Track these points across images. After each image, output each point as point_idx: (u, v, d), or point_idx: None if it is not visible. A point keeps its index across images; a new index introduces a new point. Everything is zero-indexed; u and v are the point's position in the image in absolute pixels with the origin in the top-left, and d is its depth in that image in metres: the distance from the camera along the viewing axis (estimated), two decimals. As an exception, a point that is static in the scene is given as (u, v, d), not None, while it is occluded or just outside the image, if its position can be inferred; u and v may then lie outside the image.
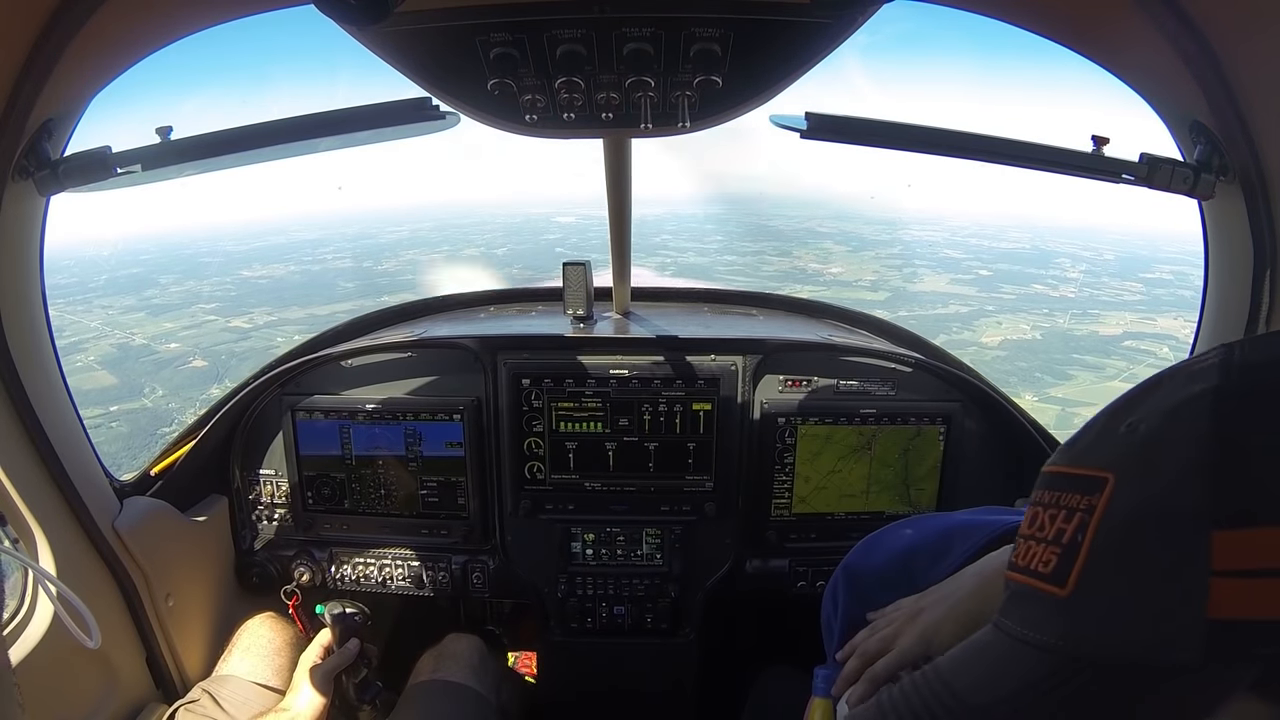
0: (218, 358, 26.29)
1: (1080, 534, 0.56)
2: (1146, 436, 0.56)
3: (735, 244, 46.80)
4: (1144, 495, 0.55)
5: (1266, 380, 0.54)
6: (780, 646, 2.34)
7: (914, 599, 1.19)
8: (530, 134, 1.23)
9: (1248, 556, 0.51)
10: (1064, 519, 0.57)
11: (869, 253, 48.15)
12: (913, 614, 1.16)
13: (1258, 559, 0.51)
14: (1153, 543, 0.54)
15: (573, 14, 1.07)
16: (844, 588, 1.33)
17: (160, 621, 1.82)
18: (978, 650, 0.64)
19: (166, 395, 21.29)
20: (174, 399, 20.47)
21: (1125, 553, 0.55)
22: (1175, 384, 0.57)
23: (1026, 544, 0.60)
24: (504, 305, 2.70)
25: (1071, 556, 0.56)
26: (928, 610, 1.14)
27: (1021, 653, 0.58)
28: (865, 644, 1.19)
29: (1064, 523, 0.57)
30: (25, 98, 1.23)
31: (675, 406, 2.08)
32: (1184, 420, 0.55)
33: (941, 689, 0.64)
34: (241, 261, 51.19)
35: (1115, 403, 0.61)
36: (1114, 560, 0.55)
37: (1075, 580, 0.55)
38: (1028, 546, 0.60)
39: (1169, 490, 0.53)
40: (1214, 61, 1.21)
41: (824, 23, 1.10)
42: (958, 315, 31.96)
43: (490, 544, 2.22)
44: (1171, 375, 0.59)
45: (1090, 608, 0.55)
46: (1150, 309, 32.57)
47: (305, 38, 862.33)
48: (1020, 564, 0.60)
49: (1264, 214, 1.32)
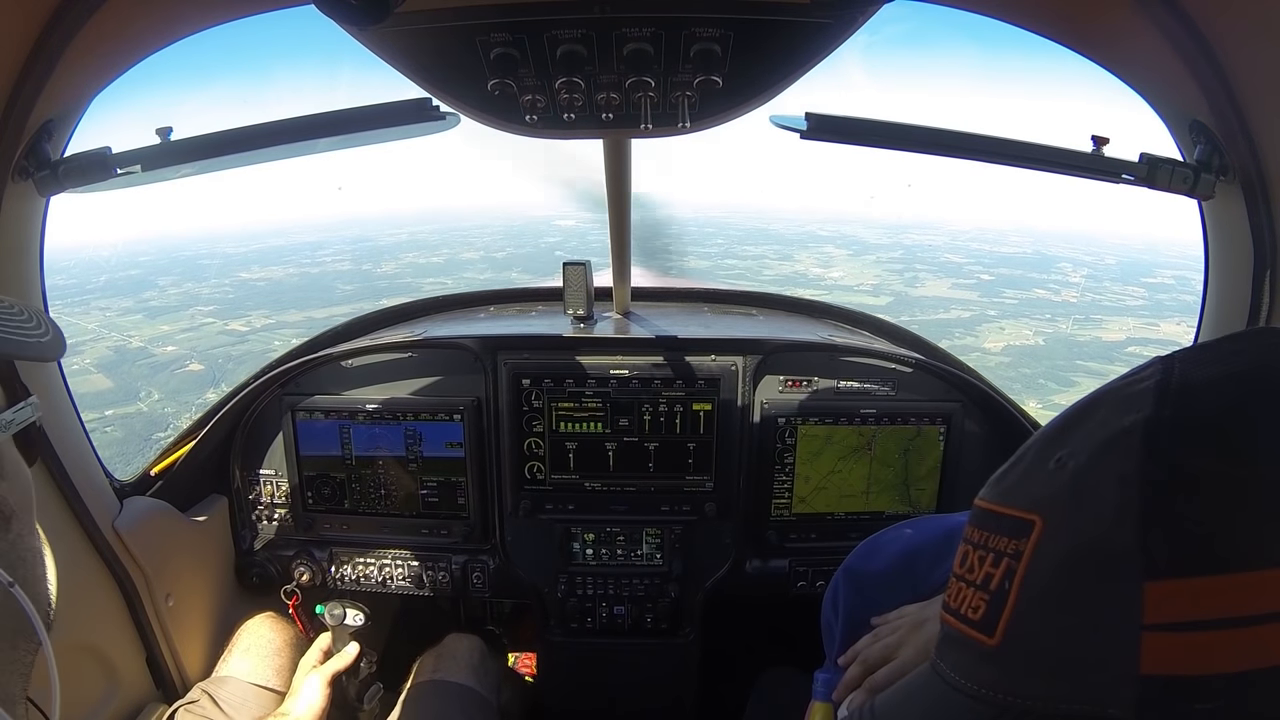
0: (214, 361, 26.21)
1: (1007, 581, 0.53)
2: (1075, 474, 0.51)
3: (735, 248, 46.82)
4: (1072, 542, 0.51)
5: (1205, 406, 0.48)
6: (780, 647, 2.34)
7: (918, 607, 1.17)
8: (530, 134, 1.23)
9: (1181, 608, 0.47)
10: (992, 563, 0.54)
11: (870, 256, 48.11)
12: (916, 623, 1.15)
13: (1192, 611, 0.46)
14: (1081, 593, 0.50)
15: (573, 14, 1.07)
16: (845, 590, 1.32)
17: (160, 621, 1.82)
18: (914, 690, 0.62)
19: (162, 399, 21.20)
20: (169, 403, 20.37)
21: (1053, 603, 0.51)
22: (1108, 410, 0.52)
23: (958, 585, 0.58)
24: (504, 305, 2.70)
25: (999, 605, 0.53)
26: (931, 621, 1.13)
27: (951, 699, 0.56)
28: (868, 651, 1.18)
29: (992, 567, 0.54)
30: (25, 98, 1.23)
31: (675, 407, 2.08)
32: (1114, 455, 0.50)
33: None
34: (240, 264, 51.14)
35: (1047, 428, 0.57)
36: (1041, 611, 0.52)
37: (1003, 631, 0.52)
38: (959, 589, 0.57)
39: (1099, 537, 0.49)
40: (1214, 61, 1.21)
41: (824, 23, 1.10)
42: (960, 320, 31.91)
43: (490, 544, 2.22)
44: (1105, 397, 0.54)
45: (1018, 659, 0.53)
46: (1153, 314, 32.51)
47: (305, 38, 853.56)
48: (952, 606, 0.58)
49: (1264, 214, 1.32)
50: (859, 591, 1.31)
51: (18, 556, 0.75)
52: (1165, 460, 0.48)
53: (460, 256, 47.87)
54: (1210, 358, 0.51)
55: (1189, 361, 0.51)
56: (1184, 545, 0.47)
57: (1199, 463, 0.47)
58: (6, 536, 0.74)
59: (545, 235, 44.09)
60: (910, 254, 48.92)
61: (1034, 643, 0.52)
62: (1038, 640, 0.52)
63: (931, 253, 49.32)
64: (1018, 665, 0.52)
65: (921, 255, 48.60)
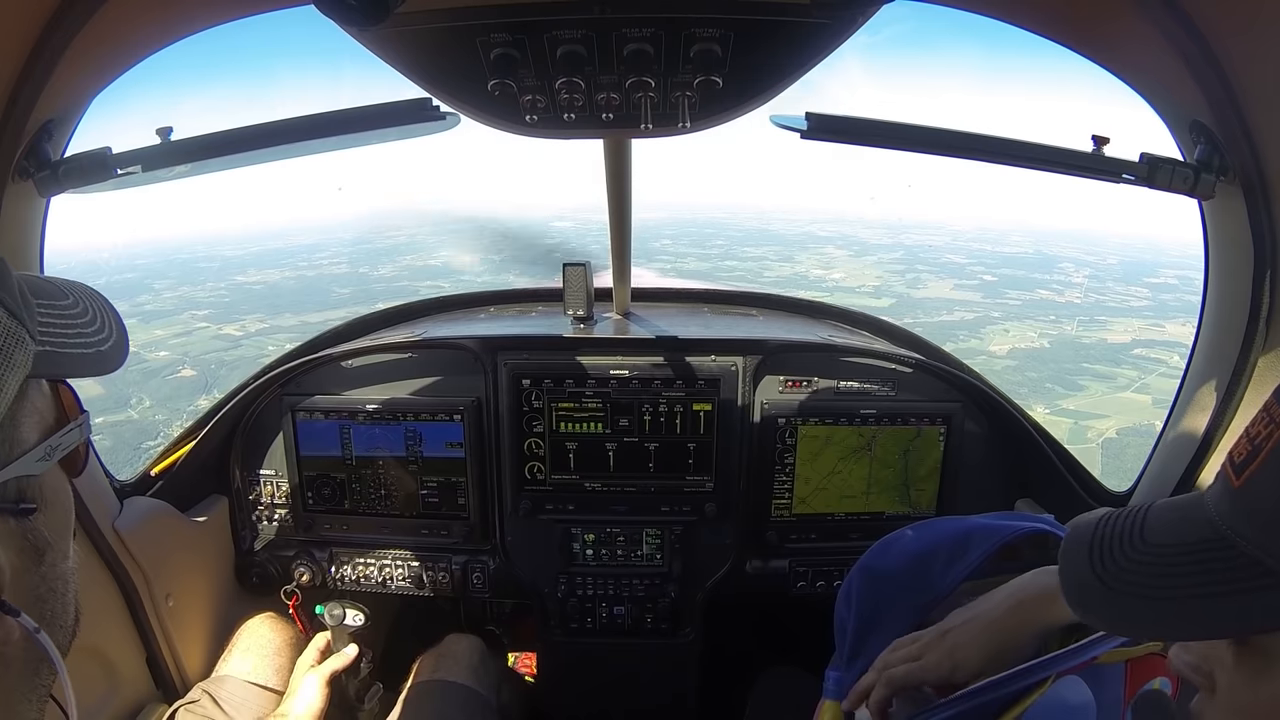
0: (207, 367, 26.08)
1: (1266, 444, 0.61)
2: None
3: (736, 249, 46.76)
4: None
5: None
6: (781, 647, 2.34)
7: (937, 627, 1.18)
8: (530, 134, 1.23)
9: None
10: (1265, 424, 0.62)
11: (871, 257, 48.05)
12: (940, 633, 1.16)
13: None
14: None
15: (573, 14, 1.07)
16: (859, 588, 1.33)
17: (160, 621, 1.82)
18: (1182, 503, 0.71)
19: (153, 406, 21.04)
20: (161, 410, 20.22)
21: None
22: None
23: (1244, 435, 0.66)
24: (504, 305, 2.70)
25: (1253, 458, 0.62)
26: (955, 631, 1.13)
27: (1199, 516, 0.66)
28: (888, 658, 1.18)
29: (1264, 428, 0.62)
30: (25, 98, 1.23)
31: (675, 407, 2.08)
32: None
33: (1139, 513, 0.71)
34: (237, 267, 51.08)
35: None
36: (1276, 476, 0.60)
37: (1245, 478, 0.62)
38: (1242, 439, 0.66)
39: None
40: (1214, 61, 1.21)
41: (824, 23, 1.10)
42: (964, 322, 31.82)
43: (490, 544, 2.22)
44: None
45: (1247, 506, 0.61)
46: (1158, 314, 32.38)
47: (305, 38, 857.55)
48: (1231, 450, 0.66)
49: (1264, 214, 1.32)
50: (874, 589, 1.31)
51: (48, 589, 0.73)
52: None
53: (457, 258, 47.89)
54: None
55: None
56: None
57: None
58: (39, 570, 0.71)
59: (543, 237, 44.08)
60: (911, 254, 48.87)
61: (1262, 500, 0.60)
62: (1265, 498, 0.60)
63: (933, 253, 49.27)
64: (1245, 510, 0.61)
65: (923, 256, 48.57)
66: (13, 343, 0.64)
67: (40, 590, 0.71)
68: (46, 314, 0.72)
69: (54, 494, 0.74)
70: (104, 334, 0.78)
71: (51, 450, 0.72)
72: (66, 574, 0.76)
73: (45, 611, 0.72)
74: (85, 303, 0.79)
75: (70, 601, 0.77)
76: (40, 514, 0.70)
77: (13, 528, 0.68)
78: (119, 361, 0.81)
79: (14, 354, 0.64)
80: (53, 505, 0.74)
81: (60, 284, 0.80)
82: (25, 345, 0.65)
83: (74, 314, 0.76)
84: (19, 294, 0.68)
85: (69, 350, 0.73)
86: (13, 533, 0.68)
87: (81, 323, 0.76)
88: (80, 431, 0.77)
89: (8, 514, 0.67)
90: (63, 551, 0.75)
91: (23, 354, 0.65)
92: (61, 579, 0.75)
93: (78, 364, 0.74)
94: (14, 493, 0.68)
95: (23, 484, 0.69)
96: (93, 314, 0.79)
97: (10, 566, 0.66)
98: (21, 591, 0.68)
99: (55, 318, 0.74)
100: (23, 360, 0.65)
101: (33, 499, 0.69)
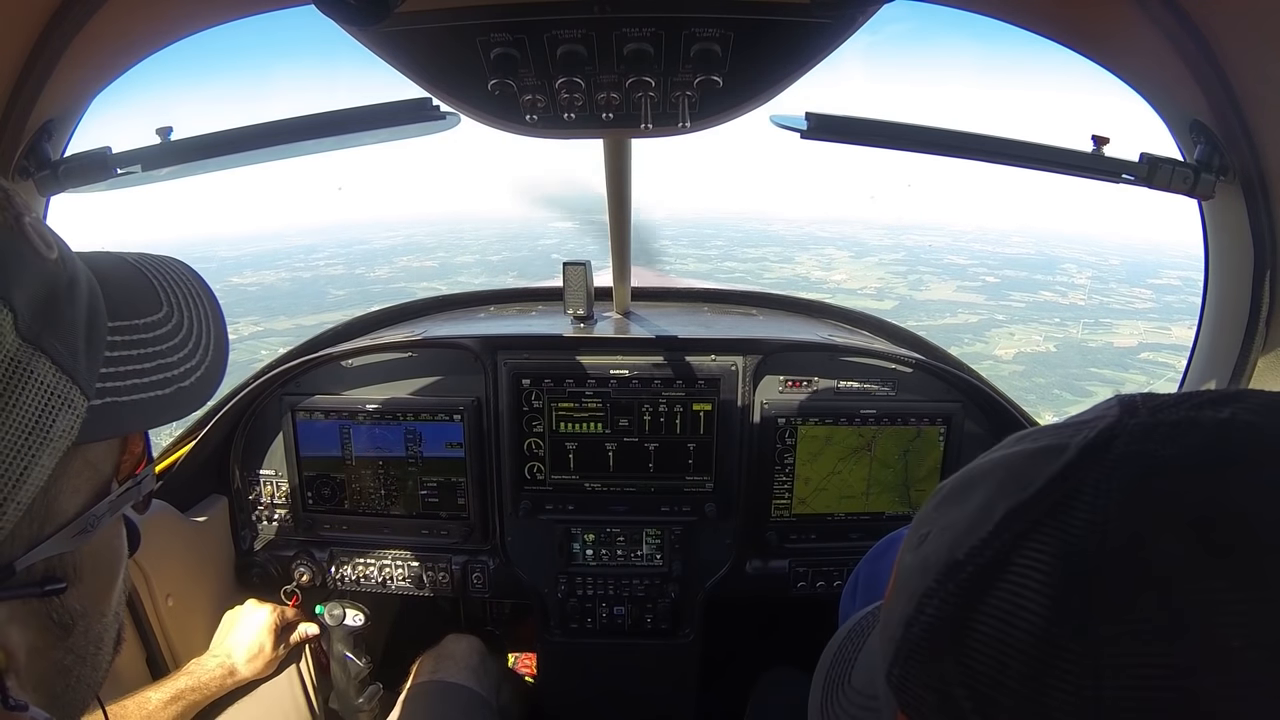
0: None
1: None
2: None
3: (736, 250, 46.75)
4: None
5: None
6: (780, 647, 2.34)
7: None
8: (531, 134, 1.23)
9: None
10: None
11: (872, 258, 48.02)
12: None
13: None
14: None
15: (573, 14, 1.07)
16: (866, 583, 1.32)
17: (160, 621, 1.82)
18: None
19: None
20: None
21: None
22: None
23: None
24: (504, 305, 2.70)
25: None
26: None
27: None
28: None
29: None
30: (25, 98, 1.23)
31: (675, 407, 2.08)
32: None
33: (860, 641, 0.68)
34: (233, 267, 50.92)
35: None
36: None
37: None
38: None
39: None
40: (1214, 61, 1.21)
41: (824, 23, 1.09)
42: (968, 325, 31.72)
43: (490, 544, 2.22)
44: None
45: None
46: (1163, 317, 32.27)
47: (305, 38, 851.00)
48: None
49: (1264, 214, 1.32)
50: (880, 585, 1.30)
51: (75, 658, 0.63)
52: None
53: (455, 260, 47.75)
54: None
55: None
56: None
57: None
58: (65, 643, 0.61)
59: (542, 238, 43.97)
60: (913, 255, 48.83)
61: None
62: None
63: (934, 254, 49.22)
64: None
65: (924, 257, 48.53)
66: (56, 408, 0.53)
67: (65, 662, 0.63)
68: (121, 342, 0.60)
69: (95, 558, 0.63)
70: (194, 360, 0.65)
71: (95, 520, 0.60)
72: (101, 633, 0.66)
73: (70, 680, 0.63)
74: (181, 310, 0.67)
75: (103, 659, 0.68)
76: (73, 588, 0.60)
77: (35, 608, 0.58)
78: (206, 396, 0.66)
79: (55, 424, 0.53)
80: (93, 572, 0.63)
81: (158, 277, 0.68)
82: (73, 407, 0.54)
83: (161, 335, 0.64)
84: (83, 328, 0.57)
85: (139, 395, 0.60)
86: (35, 612, 0.58)
87: (167, 347, 0.64)
88: (137, 490, 0.65)
89: (30, 596, 0.57)
90: (99, 613, 0.65)
91: (68, 420, 0.54)
92: (94, 641, 0.65)
93: (146, 412, 0.61)
94: (40, 572, 0.57)
95: (53, 561, 0.58)
96: (188, 327, 0.66)
97: (27, 648, 0.58)
98: (40, 670, 0.60)
99: (131, 347, 0.61)
100: (67, 429, 0.54)
101: (63, 576, 0.59)
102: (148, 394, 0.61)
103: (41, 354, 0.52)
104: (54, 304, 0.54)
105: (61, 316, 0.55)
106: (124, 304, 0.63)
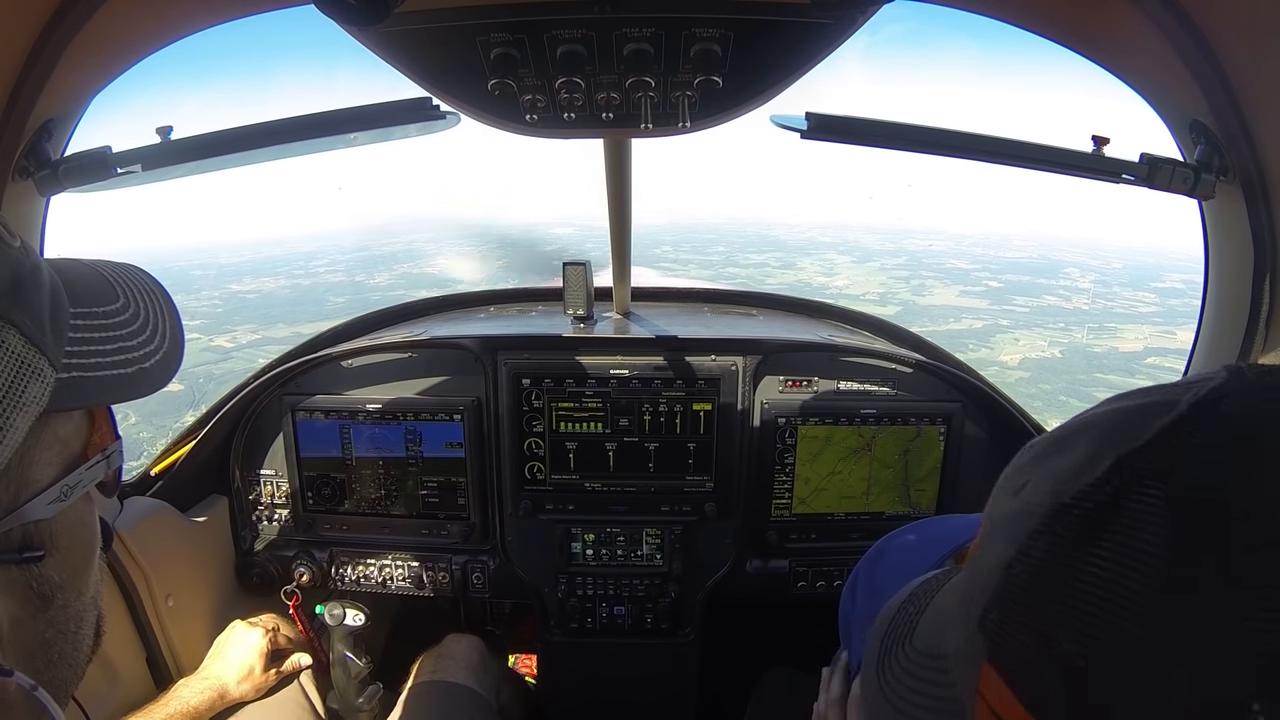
0: (195, 380, 25.72)
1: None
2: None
3: (737, 255, 46.74)
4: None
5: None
6: (780, 647, 2.34)
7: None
8: (531, 134, 1.23)
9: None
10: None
11: (874, 263, 47.96)
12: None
13: None
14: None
15: (573, 14, 1.07)
16: (865, 583, 1.33)
17: (160, 622, 1.82)
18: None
19: (138, 423, 20.71)
20: (145, 427, 19.88)
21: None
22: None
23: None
24: (504, 305, 2.70)
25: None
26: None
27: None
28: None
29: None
30: (25, 98, 1.23)
31: (675, 407, 2.08)
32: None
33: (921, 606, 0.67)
34: (232, 275, 50.88)
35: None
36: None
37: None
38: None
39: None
40: (1214, 61, 1.21)
41: (824, 23, 1.10)
42: (972, 330, 31.63)
43: (490, 544, 2.22)
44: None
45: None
46: (1167, 321, 32.16)
47: (305, 38, 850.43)
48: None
49: (1264, 214, 1.32)
50: (880, 585, 1.31)
51: (56, 632, 0.66)
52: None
53: (454, 263, 47.78)
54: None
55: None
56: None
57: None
58: (45, 615, 0.64)
59: (542, 243, 43.91)
60: (915, 260, 48.75)
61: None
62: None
63: (936, 258, 49.14)
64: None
65: (926, 261, 48.47)
66: (26, 376, 0.57)
67: (47, 635, 0.65)
68: (83, 325, 0.64)
69: (70, 532, 0.66)
70: (151, 344, 0.69)
71: (68, 490, 0.64)
72: (81, 611, 0.69)
73: (52, 655, 0.66)
74: (137, 302, 0.71)
75: (84, 639, 0.70)
76: (50, 558, 0.63)
77: (14, 576, 0.61)
78: (165, 379, 0.70)
79: (26, 390, 0.57)
80: (69, 545, 0.66)
81: (114, 276, 0.72)
82: (42, 377, 0.58)
83: (119, 321, 0.68)
84: (47, 308, 0.60)
85: (102, 373, 0.64)
86: (14, 581, 0.61)
87: (126, 332, 0.68)
88: (107, 465, 0.69)
89: (9, 563, 0.60)
90: (77, 589, 0.68)
91: (38, 388, 0.58)
92: (74, 618, 0.68)
93: (111, 388, 0.65)
94: (18, 539, 0.61)
95: (29, 529, 0.61)
96: (144, 317, 0.71)
97: (9, 618, 0.60)
98: (23, 640, 0.63)
99: (93, 330, 0.65)
100: (37, 395, 0.58)
101: (40, 544, 0.62)
102: (111, 371, 0.65)
103: (11, 326, 0.56)
104: (19, 285, 0.59)
105: (28, 296, 0.59)
106: (84, 294, 0.67)
